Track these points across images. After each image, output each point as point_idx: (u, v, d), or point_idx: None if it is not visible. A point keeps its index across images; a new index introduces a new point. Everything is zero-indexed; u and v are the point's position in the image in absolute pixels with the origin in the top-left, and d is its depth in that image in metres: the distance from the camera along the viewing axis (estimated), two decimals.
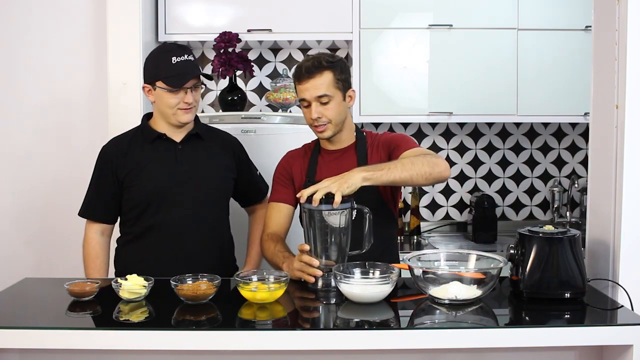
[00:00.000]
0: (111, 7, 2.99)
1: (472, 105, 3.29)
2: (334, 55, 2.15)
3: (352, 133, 2.20)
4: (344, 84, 2.11)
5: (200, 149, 2.25)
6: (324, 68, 2.06)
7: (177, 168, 2.20)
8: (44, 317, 1.73)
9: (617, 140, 1.86)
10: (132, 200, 2.20)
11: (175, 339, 1.54)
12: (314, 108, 2.07)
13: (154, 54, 2.22)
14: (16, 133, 3.24)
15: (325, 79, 2.06)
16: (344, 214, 1.84)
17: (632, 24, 1.81)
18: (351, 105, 2.17)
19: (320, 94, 2.06)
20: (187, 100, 2.16)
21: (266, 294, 1.71)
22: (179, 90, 2.14)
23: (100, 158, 2.25)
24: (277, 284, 1.73)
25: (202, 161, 2.24)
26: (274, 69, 3.57)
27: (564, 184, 3.67)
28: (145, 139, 2.23)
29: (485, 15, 3.27)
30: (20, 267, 3.09)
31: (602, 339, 1.57)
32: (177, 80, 2.13)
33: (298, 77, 2.09)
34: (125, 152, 2.21)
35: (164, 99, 2.16)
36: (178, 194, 2.18)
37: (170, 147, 2.22)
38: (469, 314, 1.66)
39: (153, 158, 2.21)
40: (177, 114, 2.17)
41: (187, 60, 2.17)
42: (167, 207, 2.18)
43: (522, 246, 1.79)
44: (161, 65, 2.15)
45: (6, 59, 3.22)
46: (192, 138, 2.25)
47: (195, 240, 2.19)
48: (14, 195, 3.26)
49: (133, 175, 2.19)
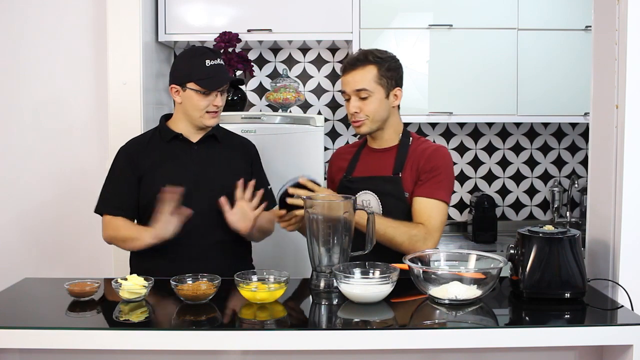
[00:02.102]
0: (111, 7, 2.99)
1: (472, 105, 3.30)
2: (386, 52, 2.14)
3: (396, 134, 2.17)
4: (389, 82, 2.09)
5: (216, 151, 2.26)
6: (368, 62, 2.07)
7: (192, 168, 2.21)
8: (44, 317, 1.73)
9: (617, 140, 1.85)
10: (147, 198, 2.18)
11: (175, 339, 1.54)
12: (353, 102, 2.08)
13: (186, 55, 2.23)
14: (16, 133, 3.24)
15: (367, 74, 2.06)
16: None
17: (632, 24, 1.81)
18: (396, 104, 2.14)
19: (359, 87, 2.06)
20: (217, 104, 2.18)
21: (266, 294, 1.71)
22: (209, 93, 2.15)
23: (119, 156, 2.26)
24: (277, 284, 1.74)
25: (217, 162, 2.24)
26: (274, 69, 3.57)
27: (564, 184, 3.67)
28: (163, 139, 2.24)
29: (485, 15, 3.27)
30: (20, 267, 3.09)
31: (602, 339, 1.57)
32: (212, 83, 2.15)
33: (343, 68, 2.10)
34: (143, 151, 2.23)
35: (193, 100, 2.17)
36: (193, 193, 2.16)
37: (186, 147, 2.23)
38: (469, 314, 1.66)
39: (169, 157, 2.22)
40: (204, 117, 2.18)
41: (220, 64, 2.18)
42: (182, 206, 2.16)
43: (522, 246, 1.79)
44: (195, 67, 2.15)
45: (6, 58, 3.22)
46: (209, 139, 2.26)
47: (209, 240, 2.18)
48: (14, 195, 3.26)
49: (150, 173, 2.20)
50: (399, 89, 2.12)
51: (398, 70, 2.13)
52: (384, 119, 2.12)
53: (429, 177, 2.07)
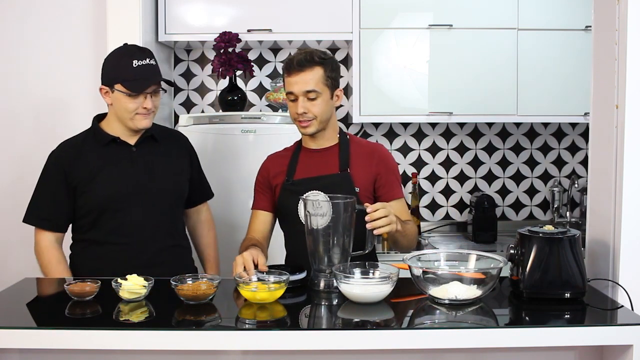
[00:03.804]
0: (111, 7, 2.99)
1: (472, 105, 3.30)
2: (326, 52, 2.16)
3: (335, 134, 2.21)
4: (333, 82, 2.11)
5: (156, 152, 2.21)
6: (315, 63, 2.07)
7: (132, 172, 2.16)
8: (44, 317, 1.73)
9: (617, 140, 1.85)
10: (86, 207, 2.14)
11: (175, 339, 1.54)
12: (301, 103, 2.07)
13: (114, 56, 2.15)
14: (16, 133, 3.24)
15: (315, 75, 2.06)
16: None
17: (632, 24, 1.81)
18: (337, 104, 2.18)
19: (309, 88, 2.06)
20: (147, 106, 2.11)
21: (266, 294, 1.71)
22: (138, 95, 2.09)
23: (50, 163, 2.17)
24: (277, 284, 1.74)
25: (158, 164, 2.20)
26: (274, 69, 3.57)
27: (564, 184, 3.67)
28: (98, 143, 2.17)
29: (485, 15, 3.27)
30: (20, 267, 3.09)
31: (602, 339, 1.57)
32: (138, 85, 2.08)
33: (288, 69, 2.08)
34: (77, 157, 2.15)
35: (122, 103, 2.10)
36: (134, 198, 2.14)
37: (124, 150, 2.17)
38: (469, 314, 1.66)
39: (107, 162, 2.15)
40: (135, 119, 2.12)
41: (149, 65, 2.11)
42: (123, 212, 2.13)
43: (522, 246, 1.79)
44: (122, 68, 2.09)
45: (6, 58, 3.22)
46: (147, 140, 2.20)
47: (152, 244, 2.16)
48: (14, 195, 3.25)
49: (87, 181, 2.12)
50: (340, 90, 2.16)
51: (339, 71, 2.16)
52: (328, 119, 2.15)
53: (392, 179, 2.17)
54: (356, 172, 2.14)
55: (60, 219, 2.18)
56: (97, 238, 2.16)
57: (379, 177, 2.15)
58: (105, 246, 2.15)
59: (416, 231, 2.21)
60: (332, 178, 2.12)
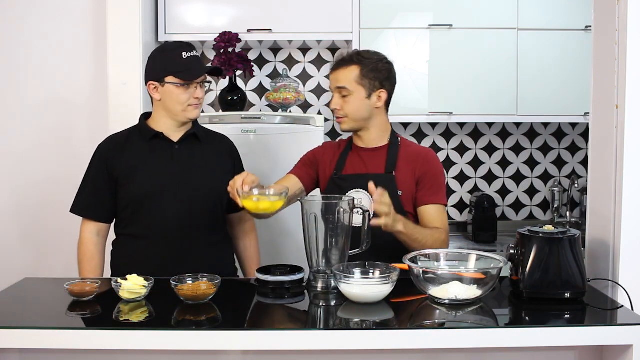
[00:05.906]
0: (111, 7, 3.00)
1: (472, 105, 3.30)
2: (376, 53, 2.16)
3: (385, 135, 2.19)
4: (372, 82, 2.10)
5: (197, 150, 2.23)
6: (352, 62, 2.10)
7: (171, 168, 2.18)
8: (44, 317, 1.73)
9: (617, 140, 1.85)
10: (125, 200, 2.17)
11: (175, 339, 1.54)
12: (335, 98, 2.13)
13: (160, 52, 2.21)
14: (16, 132, 3.24)
15: (350, 73, 2.09)
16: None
17: (632, 24, 1.81)
18: (379, 105, 2.14)
19: (340, 85, 2.10)
20: (198, 96, 2.16)
21: (268, 203, 1.80)
22: (189, 85, 2.13)
23: (96, 155, 2.23)
24: (277, 195, 1.84)
25: (198, 162, 2.22)
26: (274, 69, 3.57)
27: (564, 184, 3.67)
28: (143, 138, 2.21)
29: (485, 15, 3.27)
30: (20, 267, 3.09)
31: (602, 339, 1.57)
32: (190, 74, 2.13)
33: (332, 65, 2.17)
34: (121, 150, 2.20)
35: (174, 95, 2.14)
36: (173, 193, 2.16)
37: (166, 146, 2.20)
38: (469, 314, 1.66)
39: (149, 157, 2.19)
40: (187, 110, 2.16)
41: (197, 57, 2.17)
42: (162, 207, 2.15)
43: (522, 246, 1.79)
44: (172, 60, 2.13)
45: (6, 58, 3.22)
46: (190, 138, 2.23)
47: (191, 240, 2.17)
48: (14, 195, 3.26)
49: (127, 174, 2.16)
50: (382, 91, 2.13)
51: (384, 72, 2.13)
52: (365, 119, 2.14)
53: (433, 183, 2.14)
54: (401, 175, 2.13)
55: (102, 209, 2.22)
56: (134, 232, 2.19)
57: (420, 180, 2.13)
58: (142, 240, 2.17)
59: (441, 239, 2.07)
60: (376, 178, 2.09)
